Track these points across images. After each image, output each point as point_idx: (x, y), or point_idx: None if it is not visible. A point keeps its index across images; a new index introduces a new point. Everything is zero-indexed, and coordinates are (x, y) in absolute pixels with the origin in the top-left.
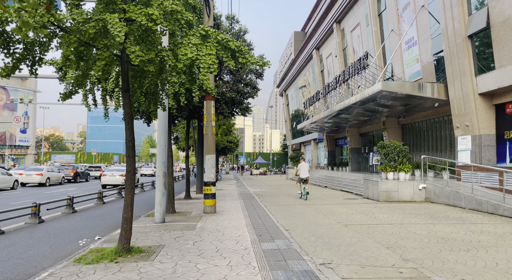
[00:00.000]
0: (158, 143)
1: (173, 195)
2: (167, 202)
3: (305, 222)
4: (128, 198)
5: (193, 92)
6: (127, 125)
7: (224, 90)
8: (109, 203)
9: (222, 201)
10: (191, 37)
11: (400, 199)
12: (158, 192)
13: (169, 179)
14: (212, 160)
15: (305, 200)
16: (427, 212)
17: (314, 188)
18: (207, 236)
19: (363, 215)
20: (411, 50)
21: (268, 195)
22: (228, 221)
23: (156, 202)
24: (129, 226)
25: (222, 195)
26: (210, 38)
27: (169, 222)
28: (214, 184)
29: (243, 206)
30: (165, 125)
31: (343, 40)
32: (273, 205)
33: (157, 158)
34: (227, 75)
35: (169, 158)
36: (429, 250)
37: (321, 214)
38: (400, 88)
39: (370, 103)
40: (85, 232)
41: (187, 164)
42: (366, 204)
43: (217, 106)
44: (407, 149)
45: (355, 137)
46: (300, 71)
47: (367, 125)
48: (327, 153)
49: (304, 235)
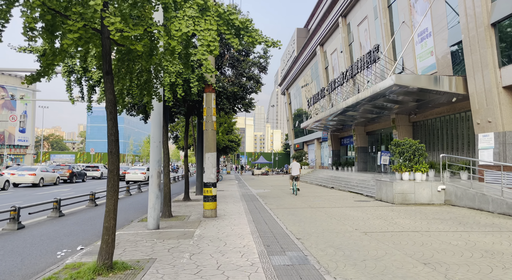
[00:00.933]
0: (151, 139)
1: (170, 197)
2: (162, 205)
3: (318, 229)
4: (110, 203)
5: (191, 82)
6: (109, 115)
7: (226, 84)
8: (102, 206)
9: (224, 204)
10: (186, 9)
11: (417, 201)
12: (152, 194)
13: (165, 179)
14: (213, 158)
15: (296, 195)
16: (452, 216)
17: (320, 189)
18: (206, 246)
19: (382, 221)
20: (425, 42)
21: (273, 197)
22: (231, 227)
23: (149, 206)
24: (111, 237)
25: (223, 197)
26: (210, 11)
27: (164, 228)
28: (214, 185)
29: (247, 209)
30: (159, 118)
31: (349, 35)
32: (278, 208)
33: (151, 156)
34: (228, 68)
35: (165, 156)
36: (478, 268)
37: (334, 219)
38: (414, 82)
39: (380, 99)
40: (68, 241)
41: (186, 164)
42: (380, 207)
43: (217, 102)
44: (423, 147)
45: (361, 136)
46: (303, 68)
47: (374, 123)
48: (331, 153)
49: (319, 246)
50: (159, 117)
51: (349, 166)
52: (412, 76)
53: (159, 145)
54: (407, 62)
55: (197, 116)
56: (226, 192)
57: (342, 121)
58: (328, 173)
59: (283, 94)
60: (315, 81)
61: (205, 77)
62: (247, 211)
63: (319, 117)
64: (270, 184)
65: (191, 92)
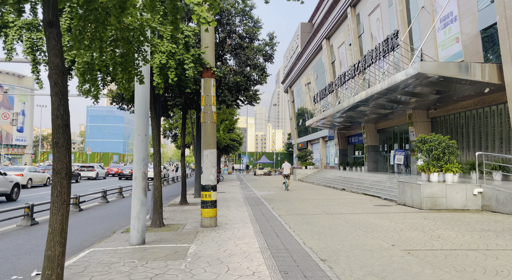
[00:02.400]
0: (135, 132)
1: (161, 203)
2: (152, 213)
3: (345, 244)
4: (55, 221)
5: (186, 64)
6: (53, 88)
7: (228, 74)
8: (87, 211)
9: (225, 208)
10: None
11: (449, 207)
12: (136, 201)
13: (156, 182)
14: (212, 156)
15: (287, 190)
16: (505, 227)
17: (330, 191)
18: (202, 273)
19: (419, 232)
20: (449, 28)
21: (280, 200)
22: (234, 241)
23: (132, 216)
24: (57, 272)
25: (224, 200)
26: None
27: (151, 242)
28: (214, 189)
29: (252, 216)
30: (145, 106)
31: (359, 26)
32: (289, 214)
33: (134, 152)
34: (230, 57)
35: (155, 154)
36: None
37: (359, 230)
38: (442, 70)
39: (397, 91)
40: (26, 261)
41: (183, 163)
42: (408, 213)
43: (218, 93)
44: (455, 144)
45: (372, 134)
46: (307, 64)
47: (387, 119)
48: (338, 152)
49: (355, 273)
50: (145, 105)
51: (358, 166)
52: (439, 63)
53: (145, 140)
54: (427, 51)
55: (196, 109)
56: (228, 194)
57: (350, 118)
58: (336, 174)
59: (286, 92)
60: (320, 77)
61: (203, 59)
62: (252, 219)
63: (326, 114)
64: (274, 185)
65: (186, 77)
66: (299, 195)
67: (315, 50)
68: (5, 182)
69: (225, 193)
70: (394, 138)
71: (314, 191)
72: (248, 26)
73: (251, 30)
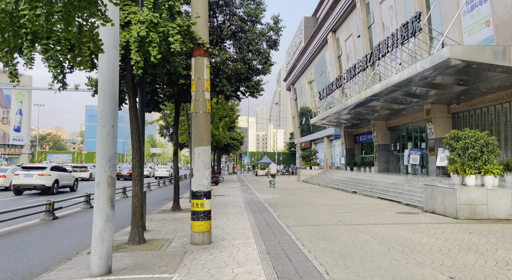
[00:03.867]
0: (98, 122)
1: (141, 214)
2: (131, 226)
3: (383, 275)
4: None
5: (171, 35)
6: None
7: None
8: (63, 219)
9: (223, 216)
10: None
11: (491, 216)
12: (98, 215)
13: (135, 187)
14: (205, 155)
15: (273, 188)
16: None
17: (339, 194)
18: None
19: (476, 255)
20: (477, 10)
21: (286, 205)
22: (232, 268)
23: (93, 236)
24: None
25: (223, 205)
26: None
27: (120, 270)
28: (208, 196)
29: (255, 227)
30: (112, 87)
31: (368, 16)
32: (299, 224)
33: (97, 150)
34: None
35: (134, 152)
36: None
37: (394, 249)
38: (476, 55)
39: (417, 83)
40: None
41: (175, 163)
42: (443, 224)
43: (215, 83)
44: (495, 141)
45: (382, 132)
46: (311, 60)
47: (400, 115)
48: (344, 151)
49: None
50: (112, 85)
51: (366, 167)
52: (472, 47)
53: (112, 133)
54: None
55: (190, 102)
56: (227, 197)
57: (359, 115)
58: (344, 175)
59: (288, 89)
60: (325, 74)
61: (194, 33)
62: (255, 231)
63: (333, 111)
64: (278, 186)
65: (174, 56)
66: (307, 199)
67: (320, 45)
68: (69, 177)
69: (225, 196)
70: (408, 136)
71: (322, 194)
72: (250, 7)
73: (253, 11)
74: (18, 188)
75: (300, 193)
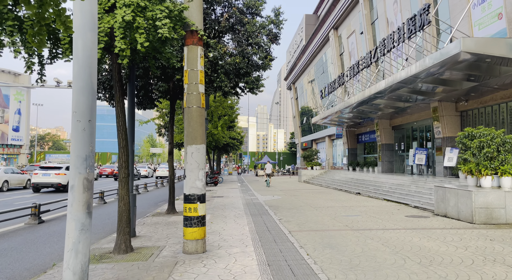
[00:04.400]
0: (73, 115)
1: (128, 219)
2: (117, 233)
3: None
4: None
5: (159, 19)
6: None
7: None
8: (51, 223)
9: (221, 219)
10: None
11: (509, 220)
12: (72, 224)
13: (121, 190)
14: (199, 154)
15: (268, 187)
16: None
17: (342, 195)
18: None
19: (504, 268)
20: (488, 2)
21: (287, 208)
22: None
23: (66, 248)
24: None
25: (221, 207)
26: None
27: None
28: (202, 200)
29: (254, 233)
30: (88, 76)
31: (372, 11)
32: (302, 230)
33: (71, 148)
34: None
35: (120, 151)
36: None
37: (410, 260)
38: (490, 48)
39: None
40: None
41: (170, 163)
42: (459, 229)
43: (213, 78)
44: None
45: (386, 131)
46: (312, 58)
47: (404, 114)
48: (346, 151)
49: None
50: (88, 74)
51: (369, 167)
52: (486, 40)
53: (88, 128)
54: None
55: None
56: (226, 198)
57: (362, 114)
58: (346, 175)
59: (289, 89)
60: (326, 73)
61: (186, 19)
62: (255, 237)
63: (335, 109)
64: (278, 187)
65: (164, 45)
66: (309, 201)
67: (321, 43)
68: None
69: (223, 197)
70: (413, 135)
71: (324, 195)
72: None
73: (253, 3)
74: (37, 186)
75: (301, 194)
